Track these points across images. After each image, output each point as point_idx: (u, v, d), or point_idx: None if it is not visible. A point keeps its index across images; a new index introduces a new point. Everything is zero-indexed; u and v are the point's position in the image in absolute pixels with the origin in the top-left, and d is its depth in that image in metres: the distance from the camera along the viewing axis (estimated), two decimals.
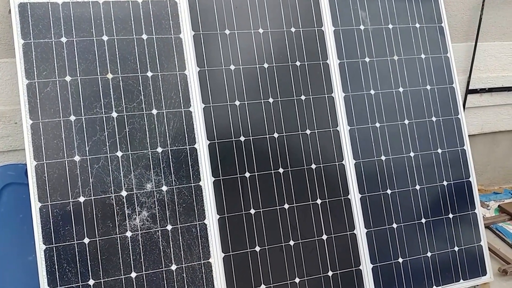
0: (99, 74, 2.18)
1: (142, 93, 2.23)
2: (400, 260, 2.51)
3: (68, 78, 2.14)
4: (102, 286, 2.10)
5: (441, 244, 2.61)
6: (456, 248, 2.63)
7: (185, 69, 2.30)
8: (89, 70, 2.17)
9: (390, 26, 2.66)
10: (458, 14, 3.16)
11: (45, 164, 2.07)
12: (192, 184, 2.25)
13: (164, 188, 2.21)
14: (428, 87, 2.69)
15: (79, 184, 2.11)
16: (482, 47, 3.29)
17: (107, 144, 2.16)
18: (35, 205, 2.05)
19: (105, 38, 2.21)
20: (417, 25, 2.71)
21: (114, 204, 2.14)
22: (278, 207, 2.36)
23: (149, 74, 2.25)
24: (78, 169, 2.11)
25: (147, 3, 2.29)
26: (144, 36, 2.26)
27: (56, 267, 2.06)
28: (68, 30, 2.16)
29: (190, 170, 2.26)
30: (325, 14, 2.55)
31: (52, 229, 2.06)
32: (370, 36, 2.61)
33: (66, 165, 2.10)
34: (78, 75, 2.16)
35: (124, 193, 2.16)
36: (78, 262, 2.08)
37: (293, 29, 2.49)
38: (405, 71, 2.65)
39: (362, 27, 2.61)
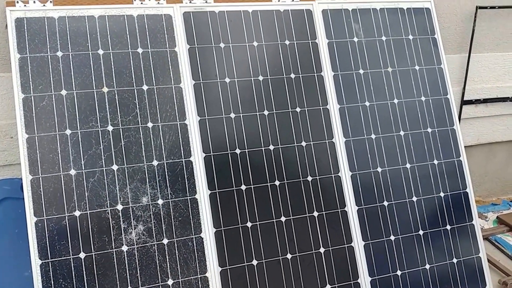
0: (94, 88, 2.19)
1: (137, 106, 2.24)
2: (399, 272, 2.50)
3: (64, 92, 2.15)
4: None
5: (440, 256, 2.59)
6: (454, 260, 2.62)
7: (180, 82, 2.31)
8: (85, 84, 2.18)
9: (384, 38, 2.68)
10: (451, 25, 3.18)
11: (40, 178, 2.07)
12: (188, 197, 2.25)
13: (160, 201, 2.21)
14: (423, 98, 2.70)
15: (75, 198, 2.10)
16: (476, 58, 3.31)
17: (103, 158, 2.16)
18: (31, 220, 2.04)
19: (100, 52, 2.22)
20: (411, 37, 2.73)
21: (110, 218, 2.14)
22: (275, 220, 2.36)
23: (145, 87, 2.26)
24: (74, 183, 2.11)
25: (142, 17, 2.30)
26: (140, 50, 2.28)
27: (52, 282, 2.04)
28: (64, 44, 2.18)
29: (186, 183, 2.26)
30: (318, 26, 2.57)
31: (48, 244, 2.05)
32: (363, 48, 2.63)
33: (62, 179, 2.10)
34: (74, 89, 2.16)
35: (120, 207, 2.15)
36: (74, 277, 2.07)
37: (287, 42, 2.51)
38: (400, 83, 2.67)
39: (355, 39, 2.63)
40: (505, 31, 3.36)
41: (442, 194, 2.65)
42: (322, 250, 2.40)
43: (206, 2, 2.41)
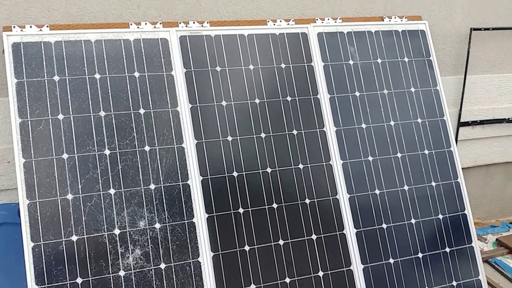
0: (91, 112, 2.20)
1: (134, 130, 2.24)
2: None
3: (60, 116, 2.15)
4: None
5: (439, 279, 2.57)
6: (454, 283, 2.59)
7: (177, 106, 2.32)
8: (82, 108, 2.19)
9: (379, 60, 2.70)
10: (446, 47, 3.21)
11: (37, 203, 2.06)
12: (186, 221, 2.24)
13: (157, 225, 2.20)
14: (419, 120, 2.71)
15: (72, 222, 2.09)
16: (472, 79, 3.33)
17: (100, 182, 2.15)
18: (28, 245, 2.03)
19: (97, 76, 2.23)
20: (406, 59, 2.75)
21: (107, 242, 2.12)
22: (273, 243, 2.34)
23: (142, 111, 2.27)
24: (71, 208, 2.10)
25: (139, 42, 2.32)
26: (136, 74, 2.29)
27: None
28: (61, 68, 2.19)
29: (183, 207, 2.25)
30: (314, 49, 2.59)
31: (44, 269, 2.03)
32: (359, 71, 2.65)
33: (59, 204, 2.09)
34: (71, 113, 2.17)
35: (117, 231, 2.14)
36: None
37: (283, 65, 2.52)
38: (396, 105, 2.68)
39: (351, 62, 2.65)
40: (500, 52, 3.38)
41: (440, 216, 2.64)
42: (321, 273, 2.38)
43: (202, 26, 2.43)
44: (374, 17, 2.80)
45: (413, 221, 2.58)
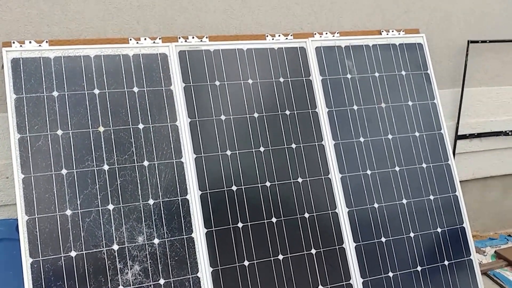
0: (90, 127, 2.20)
1: (133, 145, 2.24)
2: None
3: (59, 132, 2.15)
4: None
5: None
6: None
7: (176, 120, 2.32)
8: (81, 124, 2.19)
9: (377, 74, 2.71)
10: (444, 60, 3.22)
11: (36, 218, 2.05)
12: (184, 236, 2.23)
13: (156, 240, 2.19)
14: (417, 133, 2.72)
15: (71, 238, 2.08)
16: (469, 92, 3.34)
17: (99, 197, 2.15)
18: (26, 261, 2.02)
19: (96, 91, 2.23)
20: (403, 73, 2.76)
21: (106, 258, 2.11)
22: (272, 258, 2.34)
23: (141, 126, 2.27)
24: (70, 223, 2.09)
25: (138, 57, 2.32)
26: (135, 89, 2.29)
27: None
28: (60, 84, 2.19)
29: (182, 222, 2.24)
30: (312, 64, 2.60)
31: (43, 285, 2.02)
32: (357, 84, 2.66)
33: (58, 220, 2.08)
34: (70, 129, 2.17)
35: (115, 247, 2.13)
36: None
37: (281, 79, 2.53)
38: (393, 118, 2.69)
39: (349, 75, 2.66)
40: (497, 65, 3.40)
41: (439, 230, 2.64)
42: None
43: (201, 41, 2.44)
44: (372, 30, 2.82)
45: (411, 234, 2.58)
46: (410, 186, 2.64)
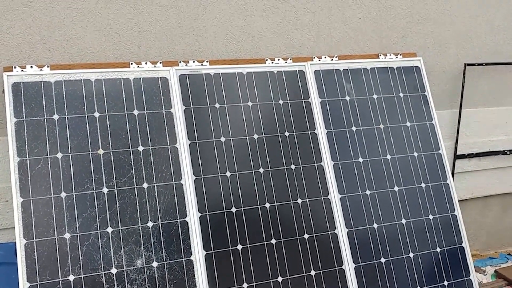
0: (90, 150, 2.21)
1: (133, 167, 2.25)
2: None
3: (59, 155, 2.16)
4: None
5: None
6: None
7: (176, 143, 2.33)
8: (81, 147, 2.20)
9: (375, 96, 2.73)
10: (441, 83, 3.25)
11: (35, 242, 2.05)
12: (183, 259, 2.23)
13: (155, 264, 2.19)
14: (415, 154, 2.73)
15: (69, 262, 2.08)
16: (467, 113, 3.36)
17: (98, 220, 2.15)
18: (24, 285, 2.01)
19: (96, 114, 2.25)
20: (401, 95, 2.78)
21: (104, 282, 2.11)
22: (271, 280, 2.33)
23: (140, 148, 2.28)
24: (68, 247, 2.09)
25: (139, 80, 2.34)
26: (136, 112, 2.31)
27: None
28: (60, 107, 2.20)
29: (181, 244, 2.24)
30: (311, 86, 2.62)
31: None
32: (355, 106, 2.68)
33: (56, 243, 2.08)
34: (70, 152, 2.18)
35: (114, 271, 2.13)
36: None
37: (281, 101, 2.55)
38: (392, 139, 2.70)
39: (347, 98, 2.68)
40: (493, 86, 3.43)
41: (438, 249, 2.64)
42: None
43: (202, 65, 2.47)
44: (370, 54, 2.85)
45: (411, 254, 2.58)
46: (409, 206, 2.65)
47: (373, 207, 2.58)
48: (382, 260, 2.52)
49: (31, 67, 2.21)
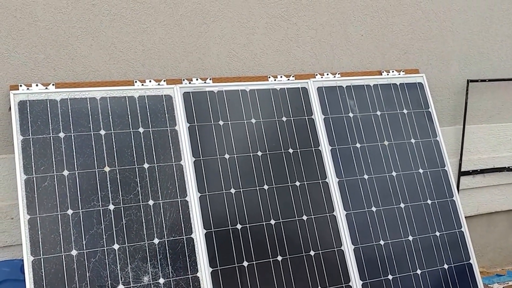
0: (96, 168, 2.22)
1: (139, 184, 2.26)
2: None
3: (66, 173, 2.17)
4: None
5: None
6: None
7: (181, 160, 2.34)
8: (87, 164, 2.21)
9: (378, 113, 2.74)
10: (444, 99, 3.27)
11: (42, 259, 2.05)
12: (190, 276, 2.22)
13: (161, 280, 2.18)
14: (421, 170, 2.73)
15: (76, 279, 2.07)
16: (471, 129, 3.37)
17: (104, 237, 2.15)
18: None
19: (102, 132, 2.26)
20: (405, 111, 2.80)
21: None
22: None
23: (146, 165, 2.29)
24: (75, 264, 2.09)
25: (143, 98, 2.37)
26: (141, 130, 2.32)
27: None
28: (66, 125, 2.22)
29: (187, 261, 2.23)
30: (314, 103, 2.63)
31: None
32: (359, 123, 2.69)
33: (63, 260, 2.08)
34: (76, 169, 2.19)
35: (121, 287, 2.12)
36: None
37: (284, 119, 2.57)
38: (397, 156, 2.71)
39: (351, 114, 2.69)
40: (497, 102, 3.44)
41: (446, 266, 2.63)
42: None
43: (205, 82, 2.49)
44: (372, 71, 2.87)
45: (418, 271, 2.56)
46: (416, 223, 2.64)
47: (380, 224, 2.57)
48: (390, 277, 2.50)
49: (37, 85, 2.24)
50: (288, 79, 2.64)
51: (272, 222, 2.40)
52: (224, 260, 2.29)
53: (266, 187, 2.44)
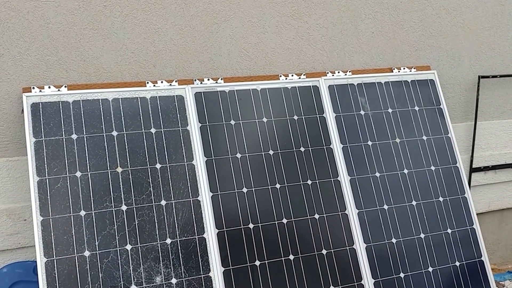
0: (109, 169, 2.22)
1: (151, 184, 2.26)
2: None
3: (78, 174, 2.18)
4: None
5: None
6: None
7: (192, 159, 2.35)
8: (99, 165, 2.22)
9: (390, 110, 2.73)
10: (455, 95, 3.25)
11: (55, 260, 2.06)
12: (202, 275, 2.23)
13: (174, 280, 2.19)
14: (433, 167, 2.72)
15: (89, 279, 2.08)
16: (482, 126, 3.35)
17: (117, 238, 2.16)
18: None
19: (114, 133, 2.27)
20: (416, 108, 2.78)
21: None
22: None
23: (158, 166, 2.29)
24: (88, 265, 2.10)
25: (155, 99, 2.37)
26: (153, 130, 2.33)
27: None
28: (79, 127, 2.23)
29: (200, 261, 2.24)
30: (325, 101, 2.63)
31: None
32: (371, 121, 2.68)
33: (76, 261, 2.09)
34: (88, 170, 2.20)
35: None
36: None
37: (295, 117, 2.56)
38: (408, 153, 2.70)
39: (362, 112, 2.68)
40: (508, 98, 3.42)
41: (457, 263, 2.62)
42: None
43: (216, 82, 2.49)
44: (383, 68, 2.86)
45: (430, 269, 2.56)
46: (428, 220, 2.63)
47: (391, 221, 2.56)
48: (402, 275, 2.50)
49: (49, 87, 2.25)
50: (299, 78, 2.64)
51: (284, 221, 2.40)
52: (236, 260, 2.29)
53: (278, 186, 2.44)
